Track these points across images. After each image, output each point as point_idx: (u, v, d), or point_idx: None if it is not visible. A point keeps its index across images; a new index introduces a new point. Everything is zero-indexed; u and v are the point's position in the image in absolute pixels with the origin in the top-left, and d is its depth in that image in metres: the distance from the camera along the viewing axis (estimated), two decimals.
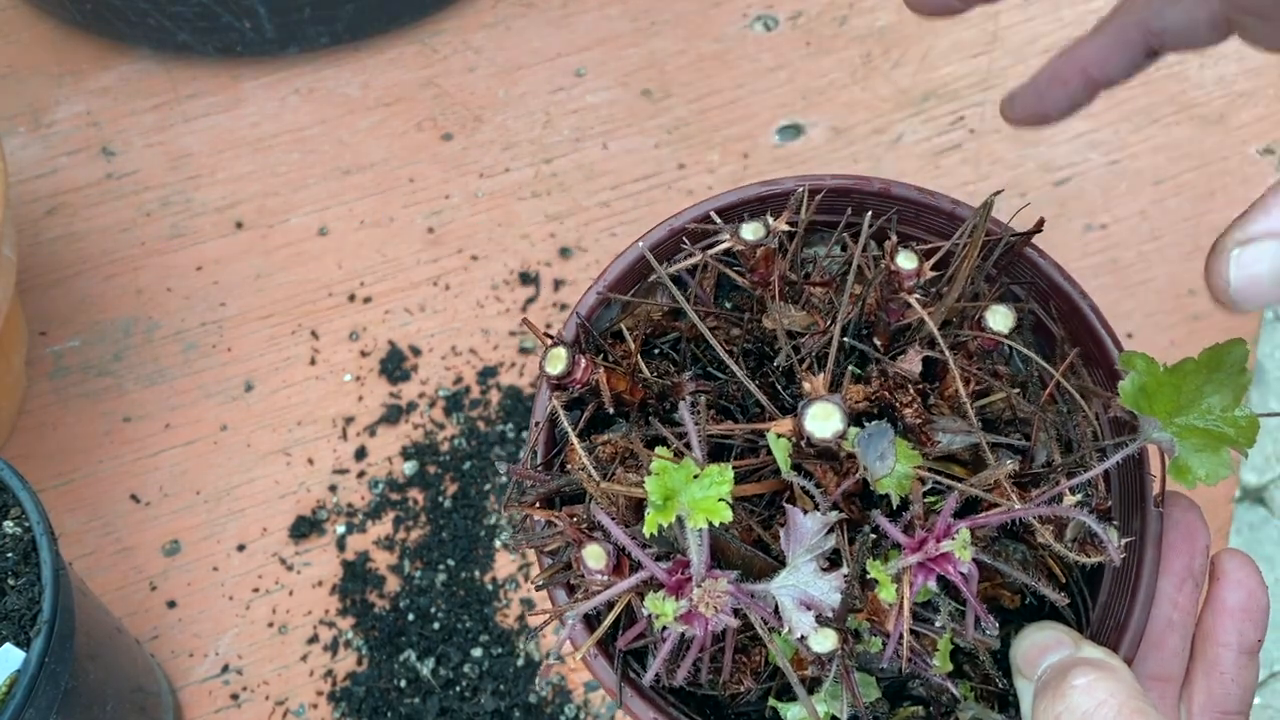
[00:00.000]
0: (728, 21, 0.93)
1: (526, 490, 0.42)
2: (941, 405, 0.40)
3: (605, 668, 0.40)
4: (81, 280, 0.82)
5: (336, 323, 0.80)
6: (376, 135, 0.88)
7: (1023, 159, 0.86)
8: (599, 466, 0.40)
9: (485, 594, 0.71)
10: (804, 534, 0.35)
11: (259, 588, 0.72)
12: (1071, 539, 0.38)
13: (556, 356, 0.41)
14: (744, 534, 0.39)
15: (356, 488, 0.75)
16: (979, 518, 0.35)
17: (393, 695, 0.68)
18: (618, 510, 0.38)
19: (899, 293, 0.40)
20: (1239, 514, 0.82)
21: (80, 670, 0.53)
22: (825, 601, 0.35)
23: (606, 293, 0.46)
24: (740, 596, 0.35)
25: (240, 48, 0.88)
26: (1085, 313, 0.44)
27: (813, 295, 0.43)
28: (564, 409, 0.41)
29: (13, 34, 0.93)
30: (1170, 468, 0.36)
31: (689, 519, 0.34)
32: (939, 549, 0.34)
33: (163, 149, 0.88)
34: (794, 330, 0.42)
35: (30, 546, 0.53)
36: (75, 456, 0.76)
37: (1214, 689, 0.39)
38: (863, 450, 0.35)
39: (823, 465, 0.37)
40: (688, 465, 0.35)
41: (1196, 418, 0.35)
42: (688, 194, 0.85)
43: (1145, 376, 0.36)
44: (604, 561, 0.37)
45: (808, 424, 0.35)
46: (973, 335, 0.41)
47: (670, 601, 0.34)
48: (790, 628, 0.35)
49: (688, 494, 0.34)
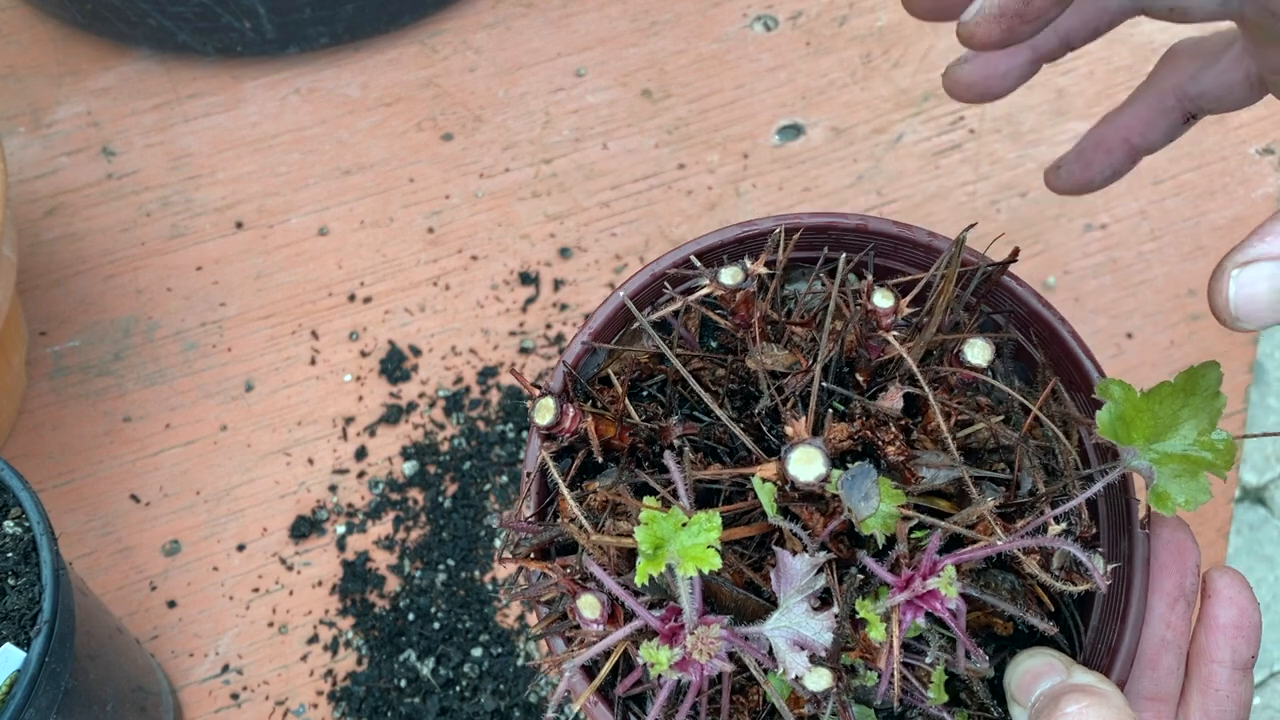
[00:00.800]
0: (728, 21, 0.93)
1: (520, 543, 0.43)
2: (924, 440, 0.41)
3: (606, 715, 0.41)
4: (81, 280, 0.82)
5: (336, 323, 0.80)
6: (376, 135, 0.88)
7: (1022, 159, 0.86)
8: (590, 516, 0.40)
9: (485, 594, 0.71)
10: (794, 575, 0.36)
11: (259, 588, 0.72)
12: (1058, 567, 0.38)
13: (545, 407, 0.41)
14: (735, 577, 0.39)
15: (356, 488, 0.75)
16: (964, 553, 0.36)
17: (393, 695, 0.68)
18: (609, 560, 0.39)
19: (877, 330, 0.41)
20: (1239, 514, 0.82)
21: (80, 670, 0.53)
22: (818, 641, 0.35)
23: (591, 342, 0.46)
24: (734, 640, 0.35)
25: (240, 48, 0.88)
26: (1064, 338, 0.45)
27: (794, 334, 0.44)
28: (554, 459, 0.42)
29: (13, 34, 0.93)
30: (1150, 495, 0.36)
31: (679, 567, 0.34)
32: (926, 586, 0.34)
33: (163, 149, 0.88)
34: (777, 370, 0.43)
35: (30, 546, 0.53)
36: (75, 456, 0.76)
37: (1209, 706, 0.39)
38: (846, 492, 0.36)
39: (809, 508, 0.38)
40: (676, 514, 0.35)
41: (1174, 444, 0.36)
42: (687, 194, 0.85)
43: (1122, 405, 0.36)
44: (599, 611, 0.37)
45: (791, 469, 0.36)
46: (951, 370, 0.41)
47: (665, 650, 0.34)
48: (785, 668, 0.35)
49: (677, 542, 0.35)
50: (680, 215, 0.84)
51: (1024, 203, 0.84)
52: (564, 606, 0.40)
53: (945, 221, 0.84)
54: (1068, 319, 0.46)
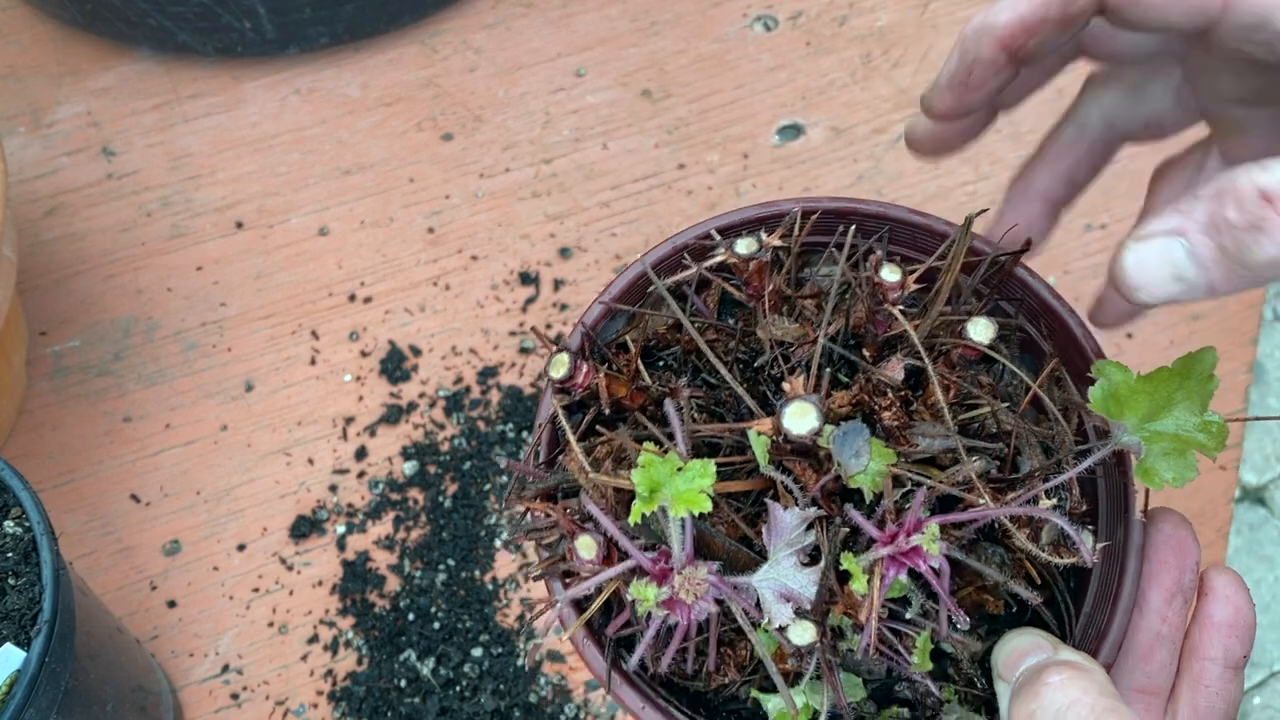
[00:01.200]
0: (728, 21, 0.93)
1: (527, 486, 0.44)
2: (923, 412, 0.41)
3: (595, 655, 0.42)
4: (82, 280, 0.82)
5: (336, 323, 0.80)
6: (376, 135, 0.88)
7: (1022, 159, 0.86)
8: (595, 464, 0.41)
9: (485, 594, 0.71)
10: (784, 528, 0.37)
11: (259, 587, 0.72)
12: (1047, 542, 0.39)
13: (560, 361, 0.43)
14: (729, 529, 0.40)
15: (357, 488, 0.75)
16: (950, 515, 0.36)
17: (393, 695, 0.68)
18: (608, 504, 0.40)
19: (884, 304, 0.41)
20: (1239, 514, 0.82)
21: (80, 670, 0.53)
22: (803, 594, 0.36)
23: (611, 304, 0.47)
24: (722, 587, 0.36)
25: (240, 48, 0.88)
26: (1072, 329, 0.45)
27: (804, 308, 0.45)
28: (565, 411, 0.43)
29: (13, 34, 0.93)
30: (1137, 469, 0.37)
31: (671, 509, 0.35)
32: (909, 543, 0.35)
33: (163, 149, 0.88)
34: (785, 340, 0.44)
35: (30, 546, 0.54)
36: (75, 456, 0.76)
37: (1199, 703, 0.40)
38: (838, 447, 0.37)
39: (802, 463, 0.39)
40: (672, 459, 0.36)
41: (1165, 423, 0.36)
42: (687, 194, 0.85)
43: (1117, 384, 0.37)
44: (595, 551, 0.38)
45: (785, 421, 0.37)
46: (953, 343, 0.42)
47: (652, 587, 0.36)
48: (770, 619, 0.36)
49: (671, 486, 0.36)
50: (680, 215, 0.84)
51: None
52: (563, 549, 0.41)
53: None
54: None
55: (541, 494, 0.44)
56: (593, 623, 0.42)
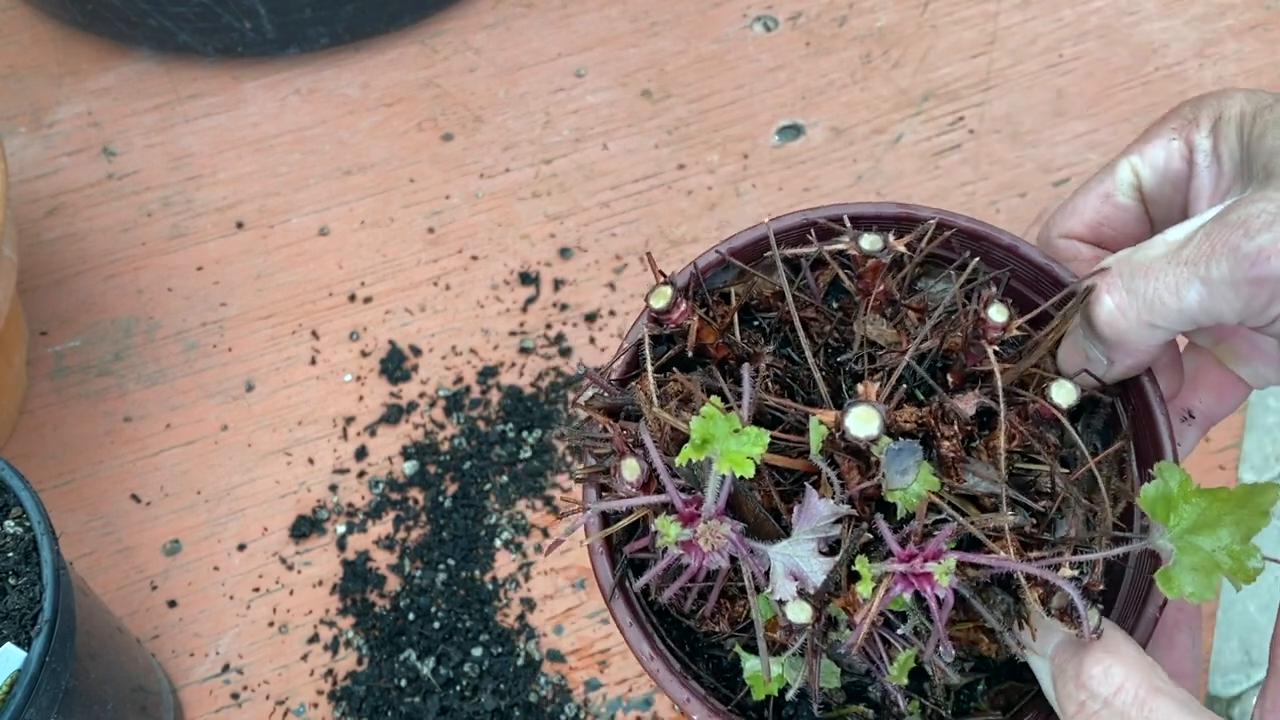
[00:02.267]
0: (728, 22, 0.93)
1: (596, 396, 0.45)
2: (982, 452, 0.42)
3: (606, 567, 0.44)
4: (82, 280, 0.82)
5: (337, 323, 0.80)
6: (377, 135, 0.88)
7: (1022, 159, 0.86)
8: (662, 399, 0.43)
9: (485, 593, 0.71)
10: (814, 515, 0.38)
11: (259, 587, 0.72)
12: (1056, 607, 0.40)
13: (662, 293, 0.44)
14: (764, 498, 0.42)
15: (357, 487, 0.75)
16: (971, 555, 0.37)
17: (393, 694, 0.68)
18: (662, 438, 0.42)
19: (981, 339, 0.42)
20: None
21: (81, 670, 0.54)
22: (811, 577, 0.38)
23: (727, 254, 0.48)
24: (740, 547, 0.38)
25: (241, 48, 0.88)
26: (1156, 418, 0.44)
27: (907, 317, 0.45)
28: (652, 341, 0.44)
29: (13, 34, 0.93)
30: (1160, 574, 0.37)
31: (717, 463, 0.37)
32: (924, 568, 0.36)
33: (163, 149, 0.88)
34: (877, 342, 0.45)
35: (31, 546, 0.54)
36: (76, 456, 0.76)
37: None
38: (889, 460, 0.38)
39: (850, 461, 0.40)
40: (732, 419, 0.38)
41: (1205, 540, 0.37)
42: (687, 194, 0.85)
43: (1173, 488, 0.37)
44: (637, 476, 0.40)
45: (848, 420, 0.38)
46: (1032, 399, 0.43)
47: (676, 526, 0.38)
48: (774, 589, 0.38)
49: (724, 443, 0.37)
50: (680, 215, 0.84)
51: (1023, 203, 0.84)
52: (609, 464, 0.42)
53: None
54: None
55: (606, 408, 0.45)
56: (611, 539, 0.44)
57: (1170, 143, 0.44)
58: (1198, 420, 0.48)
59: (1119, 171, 0.45)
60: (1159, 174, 0.44)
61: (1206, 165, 0.43)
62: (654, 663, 0.43)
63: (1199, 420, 0.48)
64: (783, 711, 0.46)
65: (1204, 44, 0.90)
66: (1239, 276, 0.36)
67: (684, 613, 0.44)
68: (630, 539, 0.43)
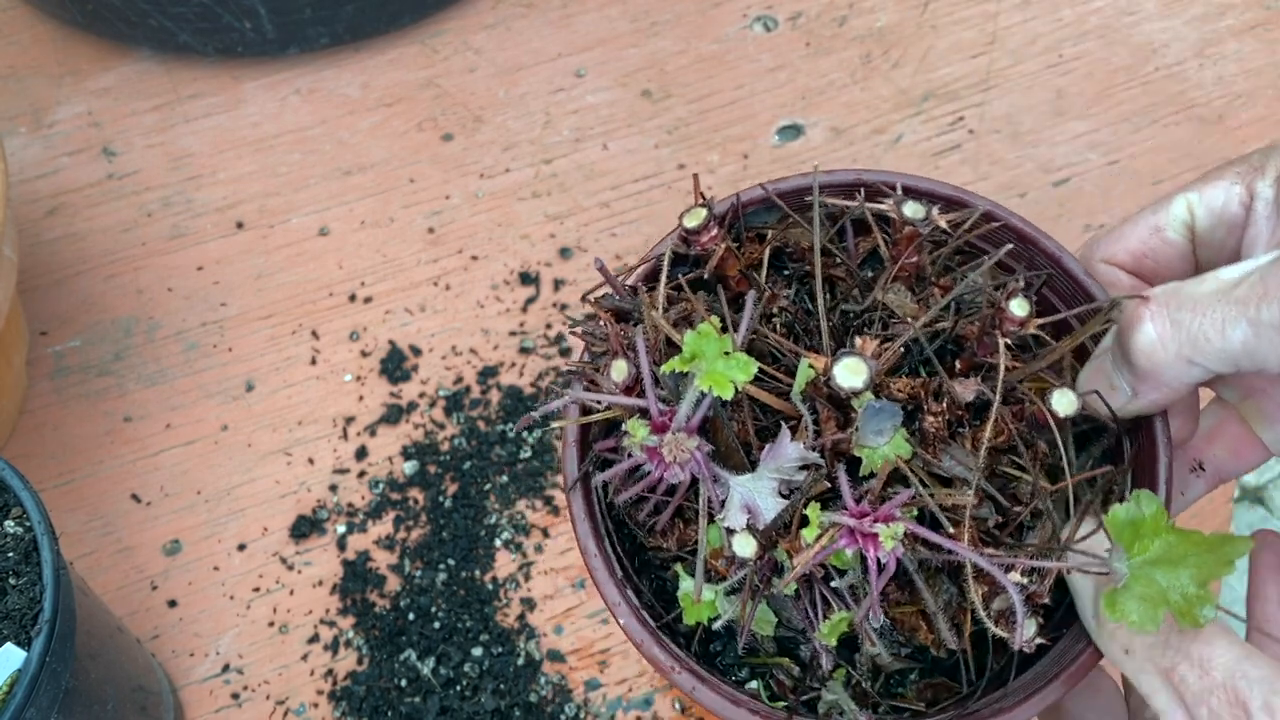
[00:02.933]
0: (728, 22, 0.93)
1: (605, 297, 0.46)
2: (966, 439, 0.42)
3: (574, 457, 0.45)
4: (82, 280, 0.82)
5: (337, 323, 0.80)
6: (377, 135, 0.88)
7: (1022, 159, 0.86)
8: (666, 310, 0.44)
9: (485, 593, 0.71)
10: (782, 455, 0.39)
11: (259, 587, 0.72)
12: (996, 609, 0.40)
13: (697, 214, 0.44)
14: (740, 430, 0.42)
15: (357, 487, 0.75)
16: (923, 530, 0.37)
17: (393, 694, 0.68)
18: (656, 347, 0.42)
19: (995, 330, 0.41)
20: (1238, 514, 0.82)
21: (81, 670, 0.54)
22: (764, 513, 0.38)
23: (772, 193, 0.48)
24: (703, 467, 0.38)
25: (241, 48, 0.88)
26: (1159, 456, 0.44)
27: (931, 295, 0.45)
28: (676, 259, 0.45)
29: (13, 35, 0.93)
30: (1107, 593, 0.37)
31: (699, 379, 0.38)
32: (872, 527, 0.36)
33: (164, 149, 0.88)
34: (893, 310, 0.45)
35: (31, 546, 0.54)
36: (76, 456, 0.76)
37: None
38: (866, 416, 0.38)
39: (829, 410, 0.40)
40: (725, 341, 0.38)
41: (1161, 574, 0.36)
42: (687, 194, 0.85)
43: (1144, 517, 0.37)
44: (624, 378, 0.41)
45: (836, 368, 0.39)
46: (1032, 400, 0.42)
47: (645, 429, 0.38)
48: (726, 517, 0.38)
49: (711, 361, 0.38)
50: None
51: (1023, 203, 0.84)
52: (602, 364, 0.43)
53: None
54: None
55: (612, 309, 0.45)
56: (586, 434, 0.45)
57: (1232, 186, 0.43)
58: (1208, 474, 0.47)
59: (1174, 206, 0.44)
60: (1215, 215, 0.44)
61: (1266, 215, 0.42)
62: (596, 560, 0.44)
63: (1210, 474, 0.47)
64: (709, 646, 0.47)
65: (1204, 44, 0.90)
66: None
67: (638, 523, 0.45)
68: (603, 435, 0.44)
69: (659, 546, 0.45)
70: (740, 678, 0.46)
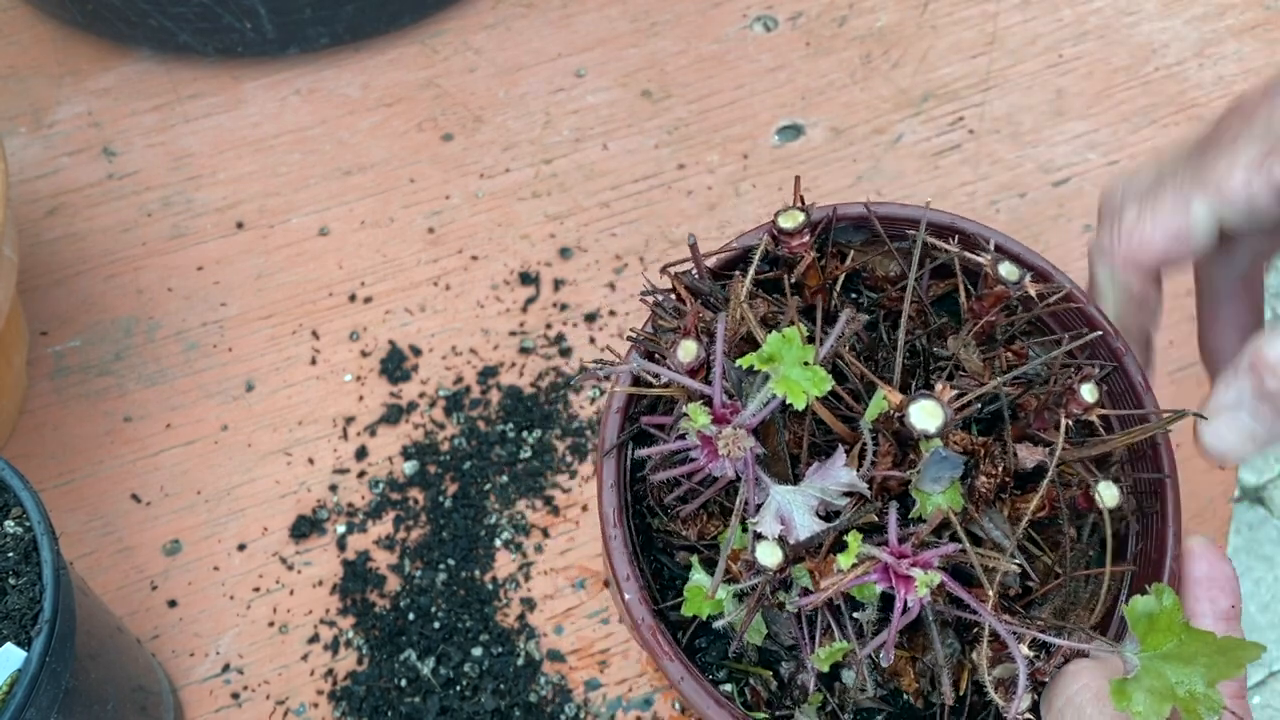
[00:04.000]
0: (728, 22, 0.93)
1: (687, 274, 0.46)
2: (1006, 506, 0.42)
3: (616, 424, 0.45)
4: (82, 280, 0.82)
5: (337, 323, 0.80)
6: (377, 136, 0.88)
7: (1021, 159, 0.86)
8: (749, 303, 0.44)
9: (485, 594, 0.71)
10: (832, 476, 0.38)
11: (259, 587, 0.72)
12: (997, 676, 0.40)
13: (794, 215, 0.45)
14: (792, 440, 0.42)
15: (357, 487, 0.75)
16: (954, 584, 0.37)
17: (393, 694, 0.68)
18: (733, 336, 0.42)
19: (1059, 408, 0.42)
20: (1238, 514, 0.82)
21: (81, 670, 0.54)
22: (798, 530, 0.38)
23: (872, 213, 0.48)
24: (751, 466, 0.38)
25: (241, 48, 0.88)
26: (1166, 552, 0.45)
27: (1003, 359, 0.46)
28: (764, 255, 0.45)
29: (13, 35, 0.93)
30: (1115, 682, 0.37)
31: (773, 381, 0.38)
32: (909, 570, 0.37)
33: (164, 149, 0.88)
34: (963, 366, 0.45)
35: (31, 546, 0.54)
36: (76, 456, 0.76)
37: None
38: (931, 461, 0.38)
39: (891, 444, 0.40)
40: (807, 351, 0.38)
41: (1172, 669, 0.37)
42: (687, 194, 0.85)
43: (1160, 611, 0.38)
44: (691, 357, 0.41)
45: (913, 407, 0.38)
46: (1080, 484, 0.43)
47: (706, 417, 0.38)
48: (760, 522, 0.38)
49: (789, 368, 0.38)
50: (680, 215, 0.84)
51: (1023, 203, 0.84)
52: (666, 339, 0.43)
53: None
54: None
55: (691, 288, 0.45)
56: (630, 403, 0.45)
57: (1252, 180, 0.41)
58: None
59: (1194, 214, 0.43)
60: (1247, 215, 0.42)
61: None
62: (615, 529, 0.44)
63: None
64: (696, 640, 0.47)
65: (1204, 44, 0.90)
66: None
67: (663, 505, 0.45)
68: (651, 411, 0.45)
69: (674, 532, 0.45)
70: (717, 678, 0.47)
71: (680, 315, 0.44)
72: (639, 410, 0.46)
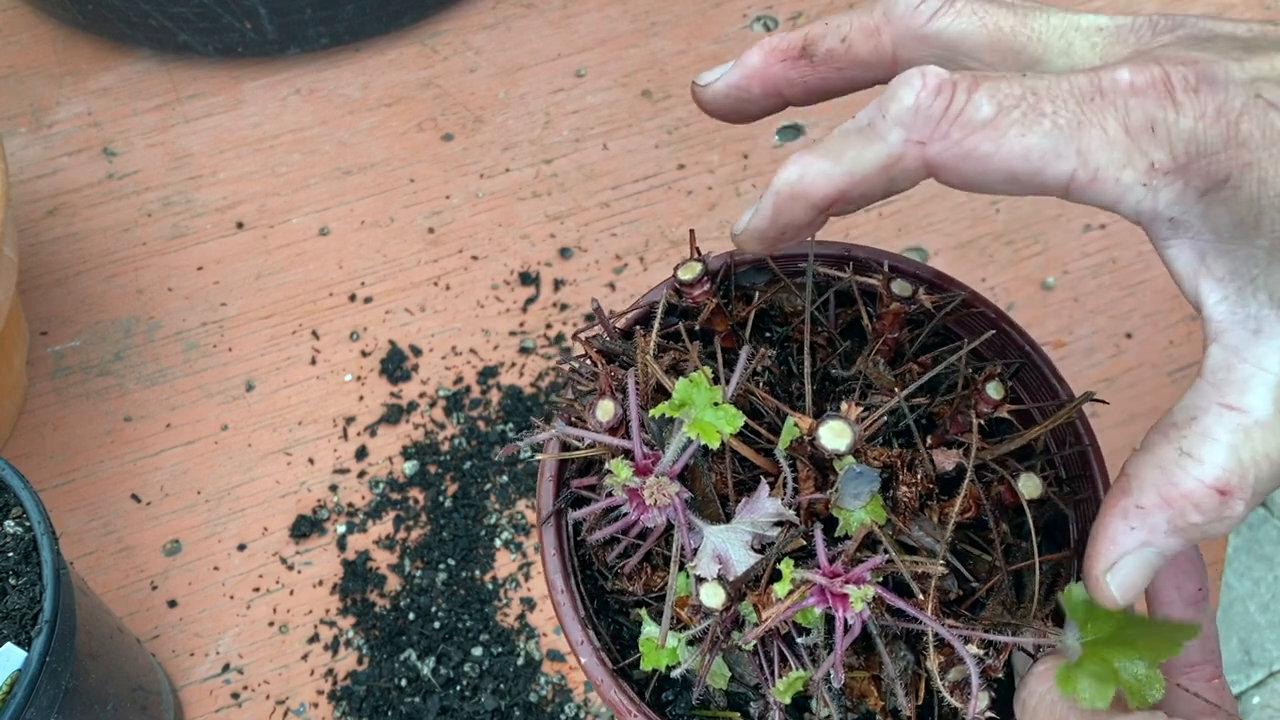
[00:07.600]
0: (728, 22, 0.93)
1: (596, 338, 0.47)
2: (934, 512, 0.43)
3: (550, 491, 0.46)
4: (82, 280, 0.82)
5: (337, 323, 0.80)
6: (377, 136, 0.88)
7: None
8: (657, 358, 0.44)
9: (485, 593, 0.71)
10: (759, 509, 0.39)
11: (260, 587, 0.72)
12: (951, 680, 0.40)
13: (691, 267, 0.45)
14: (718, 481, 0.43)
15: (357, 487, 0.75)
16: (890, 595, 0.38)
17: (393, 694, 0.68)
18: (645, 392, 0.43)
19: (969, 410, 0.43)
20: None
21: (81, 670, 0.54)
22: (735, 566, 0.39)
23: (767, 255, 0.49)
24: (680, 512, 0.39)
25: (241, 48, 0.88)
26: None
27: (909, 371, 0.47)
28: (668, 308, 0.46)
29: (13, 34, 0.93)
30: (1061, 668, 0.37)
31: (687, 426, 0.38)
32: (843, 588, 0.37)
33: (164, 149, 0.88)
34: (872, 381, 0.46)
35: (31, 546, 0.54)
36: (76, 456, 0.76)
37: None
38: (846, 478, 0.39)
39: (809, 470, 0.41)
40: (715, 392, 0.39)
41: (1116, 652, 0.37)
42: (687, 194, 0.85)
43: None
44: (609, 417, 0.41)
45: (822, 429, 0.39)
46: (1001, 479, 0.44)
47: (628, 470, 0.39)
48: (698, 565, 0.39)
49: (700, 410, 0.39)
50: (680, 215, 0.84)
51: (1022, 203, 0.84)
52: (586, 403, 0.44)
53: (944, 222, 0.84)
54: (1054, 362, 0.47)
55: (602, 350, 0.46)
56: (563, 469, 0.46)
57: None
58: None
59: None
60: None
61: None
62: (563, 595, 0.44)
63: None
64: (662, 695, 0.47)
65: None
66: None
67: (606, 564, 0.45)
68: (581, 474, 0.45)
69: (623, 590, 0.45)
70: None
71: (595, 378, 0.45)
72: (571, 474, 0.46)
